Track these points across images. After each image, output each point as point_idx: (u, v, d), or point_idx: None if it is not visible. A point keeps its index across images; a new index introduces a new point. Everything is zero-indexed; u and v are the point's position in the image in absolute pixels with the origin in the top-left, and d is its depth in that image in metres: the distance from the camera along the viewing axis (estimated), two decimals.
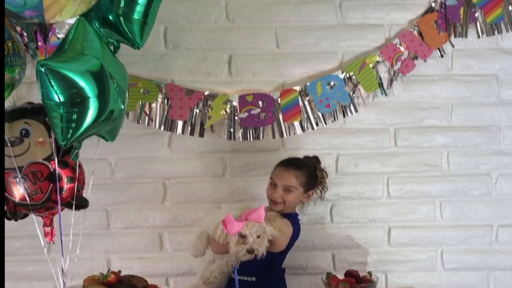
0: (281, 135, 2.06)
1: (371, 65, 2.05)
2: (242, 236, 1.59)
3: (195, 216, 2.11)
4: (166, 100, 2.02)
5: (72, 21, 1.42)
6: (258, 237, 1.60)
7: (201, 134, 2.04)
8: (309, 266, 2.15)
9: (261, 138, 2.04)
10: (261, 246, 1.60)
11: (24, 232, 1.98)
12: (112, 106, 1.43)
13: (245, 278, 1.79)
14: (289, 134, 2.06)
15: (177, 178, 2.10)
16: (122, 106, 1.53)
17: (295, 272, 2.13)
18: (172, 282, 2.15)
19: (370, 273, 1.70)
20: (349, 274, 1.71)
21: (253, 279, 1.80)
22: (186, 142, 2.07)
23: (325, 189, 1.91)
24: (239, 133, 2.04)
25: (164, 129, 2.02)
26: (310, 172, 1.83)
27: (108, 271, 1.53)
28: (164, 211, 2.11)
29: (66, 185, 1.59)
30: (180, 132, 2.03)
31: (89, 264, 2.08)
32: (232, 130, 2.04)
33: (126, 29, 1.49)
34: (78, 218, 2.01)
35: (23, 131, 1.55)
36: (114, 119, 1.47)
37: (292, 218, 1.80)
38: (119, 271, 1.55)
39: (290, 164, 1.81)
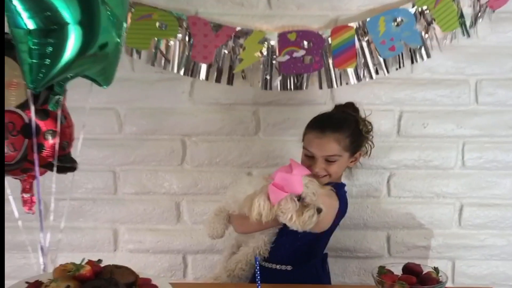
0: (330, 85, 1.89)
1: None
2: (299, 199, 1.44)
3: (219, 183, 1.99)
4: (187, 37, 1.85)
5: None
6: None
7: (230, 81, 1.89)
8: (357, 249, 2.03)
9: (304, 88, 1.89)
10: (321, 203, 1.46)
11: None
12: (103, 38, 1.27)
13: (278, 266, 1.66)
14: (341, 84, 1.90)
15: (199, 135, 1.98)
16: (118, 40, 1.36)
17: (340, 255, 2.03)
18: (190, 260, 2.06)
19: (436, 270, 1.43)
20: (409, 270, 1.44)
21: (289, 268, 1.66)
22: (211, 90, 1.94)
23: (371, 144, 1.72)
24: (277, 81, 1.88)
25: (184, 74, 1.87)
26: (353, 130, 1.63)
27: (82, 261, 1.26)
28: (182, 174, 2.00)
29: (46, 141, 1.41)
30: (204, 78, 1.87)
31: (93, 235, 2.03)
32: (268, 77, 1.88)
33: None
34: (79, 180, 1.95)
35: None
36: (105, 55, 1.31)
37: (338, 189, 1.64)
38: (99, 261, 1.32)
39: (325, 126, 1.61)
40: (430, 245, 2.01)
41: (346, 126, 1.62)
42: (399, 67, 1.88)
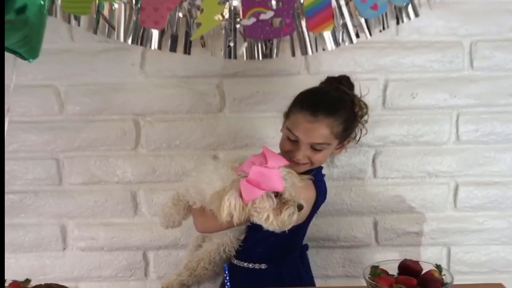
0: (305, 51, 1.76)
1: None
2: (276, 196, 1.30)
3: (181, 168, 1.86)
4: None
5: None
6: None
7: (187, 50, 1.76)
8: (341, 237, 1.93)
9: (274, 56, 1.77)
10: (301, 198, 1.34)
11: None
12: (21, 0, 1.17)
13: (250, 265, 1.55)
14: (316, 50, 1.77)
15: (155, 114, 1.85)
16: (42, 2, 1.26)
17: (321, 245, 1.93)
18: (151, 256, 1.94)
19: (439, 268, 1.28)
20: (406, 269, 1.29)
21: (263, 266, 1.55)
22: (165, 61, 1.82)
23: (364, 129, 1.55)
24: (243, 49, 1.76)
25: (133, 43, 1.71)
26: (348, 114, 1.47)
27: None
28: (137, 160, 1.88)
29: None
30: (156, 47, 1.72)
31: (37, 232, 1.90)
32: (232, 44, 1.74)
33: None
34: (18, 170, 1.85)
35: None
36: (24, 21, 1.21)
37: (315, 175, 1.51)
38: (27, 281, 1.14)
39: (319, 108, 1.42)
40: (423, 230, 1.91)
41: (342, 110, 1.46)
42: (383, 28, 1.76)
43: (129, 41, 1.70)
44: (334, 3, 1.71)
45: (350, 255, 1.93)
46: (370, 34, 1.74)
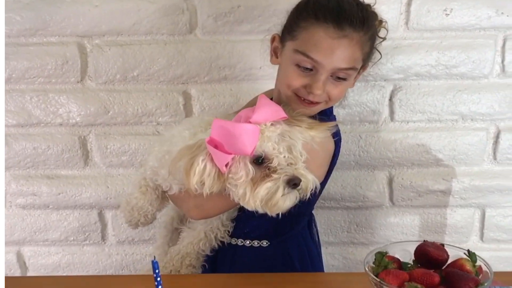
0: None
1: None
2: (261, 162, 1.03)
3: (141, 108, 1.58)
4: None
5: None
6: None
7: None
8: (346, 196, 1.67)
9: None
10: (303, 168, 1.05)
11: None
12: None
13: (247, 242, 1.29)
14: None
15: (105, 36, 1.55)
16: None
17: (322, 205, 1.68)
18: (109, 217, 1.70)
19: (472, 256, 0.96)
20: (425, 256, 0.95)
21: (264, 243, 1.30)
22: None
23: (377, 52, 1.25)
24: None
25: None
26: (374, 28, 1.19)
27: None
28: (85, 96, 1.59)
29: None
30: None
31: None
32: None
33: None
34: None
35: None
36: None
37: (327, 117, 1.23)
38: None
39: (345, 17, 1.13)
40: (451, 188, 1.64)
41: (370, 20, 1.19)
42: None
43: None
44: None
45: (357, 218, 1.69)
46: None
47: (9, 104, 1.56)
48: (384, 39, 1.23)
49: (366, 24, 1.14)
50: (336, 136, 1.22)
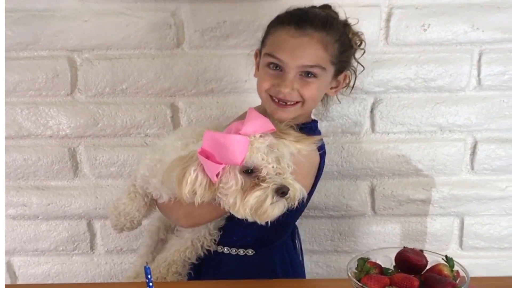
0: None
1: None
2: (250, 172, 1.08)
3: (130, 120, 1.62)
4: None
5: None
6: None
7: None
8: (330, 206, 1.72)
9: None
10: (291, 178, 1.11)
11: None
12: None
13: (233, 251, 1.33)
14: None
15: (95, 50, 1.59)
16: None
17: (306, 215, 1.71)
18: (98, 227, 1.74)
19: (449, 261, 1.01)
20: (405, 262, 1.01)
21: (250, 252, 1.33)
22: None
23: (354, 69, 1.32)
24: None
25: None
26: (341, 34, 1.26)
27: None
28: (75, 109, 1.63)
29: None
30: None
31: None
32: None
33: None
34: None
35: None
36: None
37: (313, 132, 1.31)
38: None
39: (306, 20, 1.22)
40: (431, 197, 1.71)
41: (334, 25, 1.26)
42: None
43: None
44: None
45: (340, 226, 1.74)
46: None
47: None
48: (363, 50, 1.30)
49: (328, 25, 1.21)
50: (321, 150, 1.25)
